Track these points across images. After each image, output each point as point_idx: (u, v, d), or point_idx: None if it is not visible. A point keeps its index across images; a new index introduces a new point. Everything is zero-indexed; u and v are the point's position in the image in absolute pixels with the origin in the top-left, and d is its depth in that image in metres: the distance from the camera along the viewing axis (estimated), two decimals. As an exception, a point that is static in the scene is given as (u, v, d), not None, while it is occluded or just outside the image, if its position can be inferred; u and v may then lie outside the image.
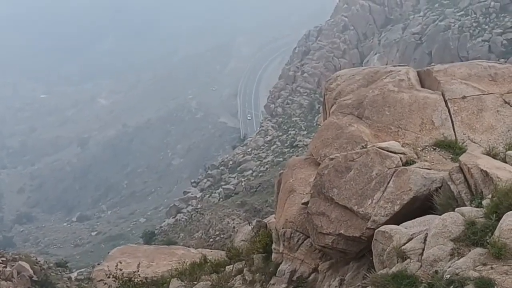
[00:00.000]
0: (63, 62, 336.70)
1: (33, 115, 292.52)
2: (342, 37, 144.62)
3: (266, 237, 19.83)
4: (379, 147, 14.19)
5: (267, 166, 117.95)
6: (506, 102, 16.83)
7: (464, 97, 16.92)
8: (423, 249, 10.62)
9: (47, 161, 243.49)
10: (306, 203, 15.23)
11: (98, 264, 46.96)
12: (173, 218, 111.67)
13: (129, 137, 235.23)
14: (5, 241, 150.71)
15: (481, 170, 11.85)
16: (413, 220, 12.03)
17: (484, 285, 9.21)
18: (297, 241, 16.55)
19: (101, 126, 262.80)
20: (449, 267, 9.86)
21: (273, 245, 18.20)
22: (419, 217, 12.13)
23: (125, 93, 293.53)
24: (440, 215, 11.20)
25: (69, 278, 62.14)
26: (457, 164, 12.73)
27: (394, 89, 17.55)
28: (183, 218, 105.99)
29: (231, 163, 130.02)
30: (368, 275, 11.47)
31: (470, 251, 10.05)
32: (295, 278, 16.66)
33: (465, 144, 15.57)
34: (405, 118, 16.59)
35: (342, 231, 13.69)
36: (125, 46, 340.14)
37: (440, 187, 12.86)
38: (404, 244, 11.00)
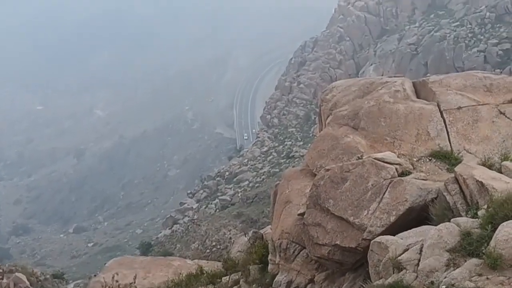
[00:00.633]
0: (60, 73, 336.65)
1: (30, 126, 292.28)
2: (338, 48, 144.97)
3: (262, 248, 19.83)
4: (375, 158, 14.21)
5: (263, 176, 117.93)
6: (501, 112, 16.84)
7: (459, 108, 16.95)
8: (419, 260, 10.63)
9: (44, 173, 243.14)
10: (302, 214, 15.24)
11: (94, 275, 46.79)
12: (169, 229, 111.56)
13: (126, 148, 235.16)
14: (2, 252, 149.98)
15: (477, 180, 11.87)
16: (409, 230, 12.04)
17: (480, 296, 9.24)
18: (293, 252, 16.54)
19: (97, 137, 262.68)
20: (445, 277, 9.87)
21: (269, 256, 18.19)
22: (415, 227, 12.15)
23: (121, 104, 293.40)
24: (436, 225, 11.22)
25: (66, 289, 61.93)
26: (453, 174, 12.74)
27: (389, 100, 17.58)
28: (179, 229, 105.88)
29: (227, 174, 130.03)
30: (364, 286, 11.49)
31: (465, 261, 10.06)
32: (291, 289, 16.65)
33: (460, 154, 15.58)
34: (400, 129, 16.62)
35: (338, 242, 13.70)
36: (122, 58, 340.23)
37: (435, 198, 12.87)
38: (400, 255, 11.02)
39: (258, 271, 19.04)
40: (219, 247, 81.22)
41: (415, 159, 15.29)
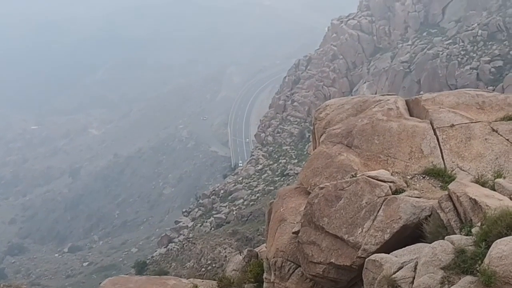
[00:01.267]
0: (55, 93, 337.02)
1: (24, 146, 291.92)
2: (331, 66, 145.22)
3: (257, 266, 19.80)
4: (368, 176, 14.26)
5: (258, 194, 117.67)
6: (494, 130, 16.90)
7: (452, 126, 17.03)
8: (414, 278, 10.64)
9: (39, 192, 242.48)
10: (296, 232, 15.25)
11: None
12: (164, 247, 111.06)
13: (121, 167, 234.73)
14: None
15: (470, 198, 11.90)
16: (403, 248, 12.06)
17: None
18: (288, 270, 16.50)
19: (92, 156, 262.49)
20: (440, 295, 9.89)
21: (265, 275, 18.15)
22: (409, 245, 12.17)
23: (116, 123, 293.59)
24: (430, 243, 11.24)
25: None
26: (446, 192, 12.78)
27: (383, 118, 17.66)
28: (174, 247, 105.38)
29: (222, 192, 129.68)
30: (359, 304, 11.50)
31: (460, 279, 10.08)
32: (286, 307, 16.61)
33: (454, 172, 15.63)
34: (394, 146, 16.68)
35: (333, 260, 13.71)
36: (116, 76, 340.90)
37: (429, 216, 12.90)
38: (394, 272, 11.03)
39: (253, 290, 19.01)
40: (214, 265, 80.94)
41: (408, 177, 15.34)
